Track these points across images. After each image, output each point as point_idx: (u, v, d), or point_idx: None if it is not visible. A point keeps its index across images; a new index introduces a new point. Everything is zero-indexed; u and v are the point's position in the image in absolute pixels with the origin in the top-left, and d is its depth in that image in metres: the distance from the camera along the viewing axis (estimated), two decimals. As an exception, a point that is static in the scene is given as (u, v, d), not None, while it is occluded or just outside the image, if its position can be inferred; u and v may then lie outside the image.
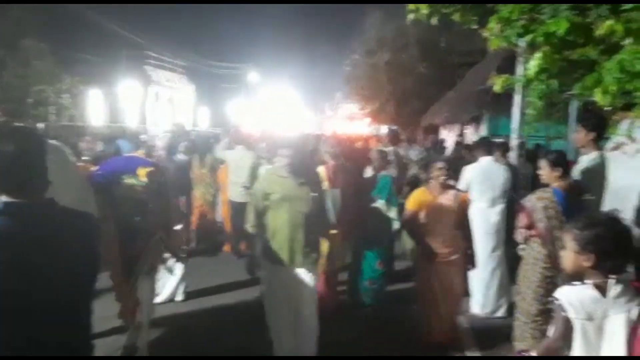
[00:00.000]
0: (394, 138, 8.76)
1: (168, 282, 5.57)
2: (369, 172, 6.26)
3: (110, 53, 26.71)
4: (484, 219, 5.43)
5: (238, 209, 7.07)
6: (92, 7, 25.84)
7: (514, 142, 7.00)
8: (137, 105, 26.50)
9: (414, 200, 4.55)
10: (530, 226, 3.97)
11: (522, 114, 6.81)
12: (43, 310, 1.79)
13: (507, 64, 8.00)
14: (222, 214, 8.13)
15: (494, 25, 4.35)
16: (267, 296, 3.98)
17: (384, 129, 18.20)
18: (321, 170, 5.19)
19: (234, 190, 7.23)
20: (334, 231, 4.90)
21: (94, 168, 4.32)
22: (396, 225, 5.57)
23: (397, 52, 23.09)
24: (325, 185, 4.95)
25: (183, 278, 5.65)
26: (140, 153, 5.09)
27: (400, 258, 6.51)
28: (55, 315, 1.83)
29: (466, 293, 5.16)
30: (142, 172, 3.94)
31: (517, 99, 6.74)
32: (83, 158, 5.95)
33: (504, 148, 6.74)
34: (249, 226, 4.03)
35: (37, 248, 1.77)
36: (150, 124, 23.95)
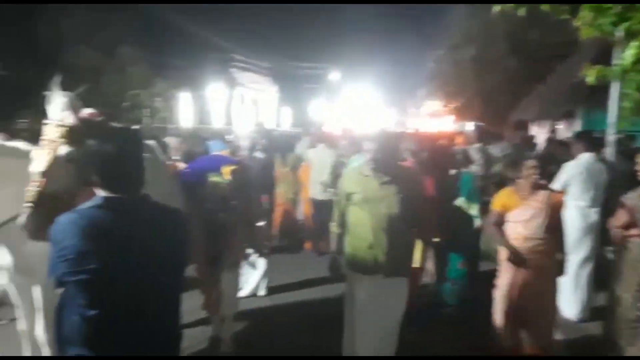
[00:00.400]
0: (481, 135, 8.52)
1: (251, 277, 5.73)
2: (452, 171, 6.09)
3: (198, 58, 27.91)
4: (582, 219, 5.16)
5: (319, 207, 7.17)
6: (182, 13, 27.17)
7: (610, 137, 6.55)
8: (223, 107, 27.50)
9: (500, 200, 4.16)
10: (629, 226, 3.70)
11: (620, 108, 6.38)
12: (137, 300, 1.88)
13: (603, 55, 7.51)
14: (303, 211, 8.25)
15: (586, 14, 4.14)
16: (347, 302, 3.73)
17: (470, 126, 17.68)
18: None
19: (315, 188, 7.32)
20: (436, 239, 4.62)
21: (182, 166, 4.56)
22: (477, 222, 5.39)
23: (483, 46, 22.36)
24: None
25: (266, 273, 5.79)
26: (226, 152, 5.27)
27: (485, 259, 6.28)
28: (148, 305, 1.92)
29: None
30: (227, 170, 4.10)
31: (614, 92, 6.29)
32: (173, 158, 6.25)
33: (600, 144, 6.33)
34: (334, 225, 3.80)
35: (132, 240, 1.88)
36: (235, 124, 24.77)
